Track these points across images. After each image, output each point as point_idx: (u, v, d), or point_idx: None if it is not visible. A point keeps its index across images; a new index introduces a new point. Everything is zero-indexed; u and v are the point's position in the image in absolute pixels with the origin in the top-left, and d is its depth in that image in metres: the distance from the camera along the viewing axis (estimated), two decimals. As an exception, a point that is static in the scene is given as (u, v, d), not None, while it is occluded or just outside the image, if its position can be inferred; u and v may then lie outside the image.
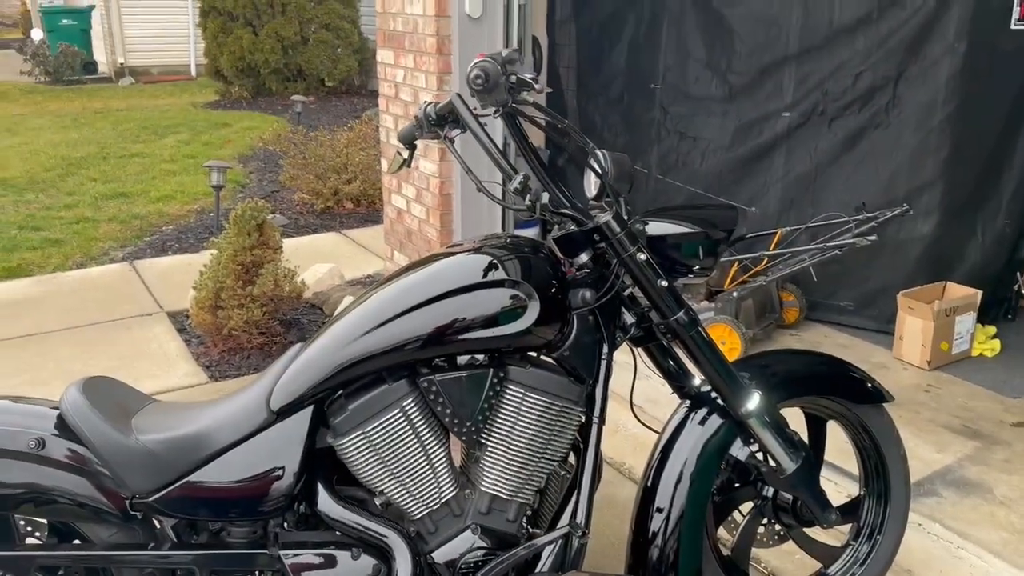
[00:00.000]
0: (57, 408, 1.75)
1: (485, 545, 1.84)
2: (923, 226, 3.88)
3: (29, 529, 1.80)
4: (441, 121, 1.89)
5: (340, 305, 4.18)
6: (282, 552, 1.76)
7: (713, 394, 2.01)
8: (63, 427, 1.70)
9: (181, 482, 1.70)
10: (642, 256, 1.86)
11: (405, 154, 1.98)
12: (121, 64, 13.24)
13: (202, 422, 1.77)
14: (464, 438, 1.82)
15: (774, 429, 2.00)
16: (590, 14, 4.82)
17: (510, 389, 1.81)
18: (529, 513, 1.95)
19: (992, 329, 3.91)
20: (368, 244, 5.41)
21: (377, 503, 1.83)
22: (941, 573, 2.42)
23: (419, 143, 2.01)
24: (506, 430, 1.82)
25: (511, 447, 1.82)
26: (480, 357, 1.82)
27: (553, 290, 1.83)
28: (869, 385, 2.17)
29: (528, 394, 1.82)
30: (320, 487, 1.81)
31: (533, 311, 1.79)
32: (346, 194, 6.14)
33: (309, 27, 11.24)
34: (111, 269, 5.15)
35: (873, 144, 3.91)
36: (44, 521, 1.79)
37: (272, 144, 7.34)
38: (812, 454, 2.10)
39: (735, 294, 3.74)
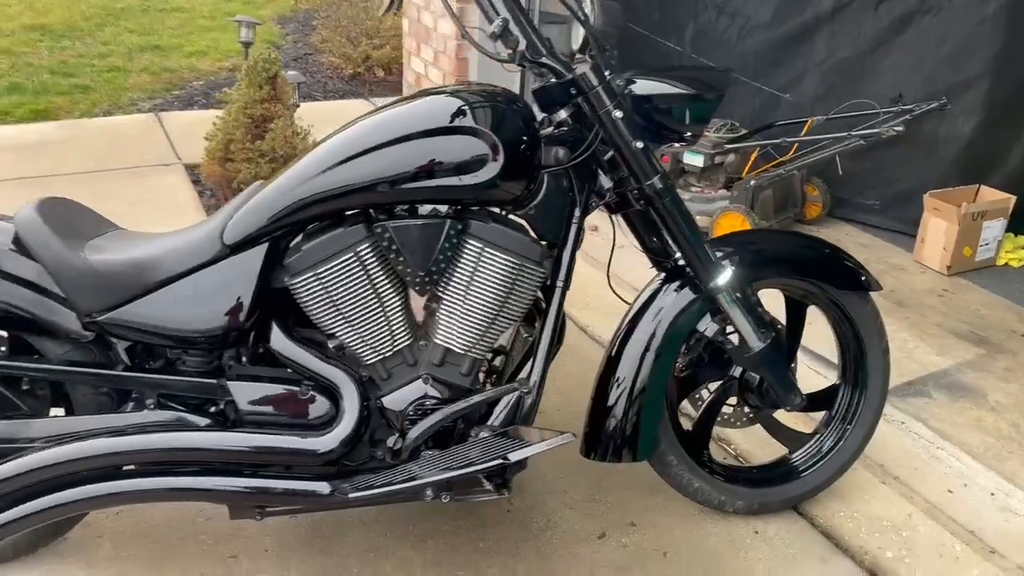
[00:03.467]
0: (8, 225, 1.75)
1: (436, 396, 1.84)
2: (963, 125, 3.65)
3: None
4: None
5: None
6: (231, 383, 1.78)
7: (688, 268, 1.95)
8: (18, 243, 1.71)
9: (128, 305, 1.71)
10: (619, 113, 1.76)
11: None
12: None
13: (155, 250, 1.76)
14: (417, 288, 1.79)
15: (744, 307, 1.94)
16: None
17: (469, 243, 1.77)
18: (485, 370, 1.93)
19: (1021, 238, 3.73)
20: (394, 112, 5.31)
21: (331, 346, 1.82)
22: (915, 470, 2.37)
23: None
24: (462, 284, 1.79)
25: (466, 302, 1.79)
26: (442, 208, 1.77)
27: (523, 145, 1.76)
28: (856, 273, 2.08)
29: (487, 249, 1.77)
30: (274, 325, 1.81)
31: (497, 164, 1.72)
32: (376, 60, 5.99)
33: None
34: (136, 119, 5.14)
35: (920, 32, 3.64)
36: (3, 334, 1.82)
37: (315, 7, 7.17)
38: (782, 336, 2.04)
39: (752, 183, 3.59)
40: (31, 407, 1.81)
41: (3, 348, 1.77)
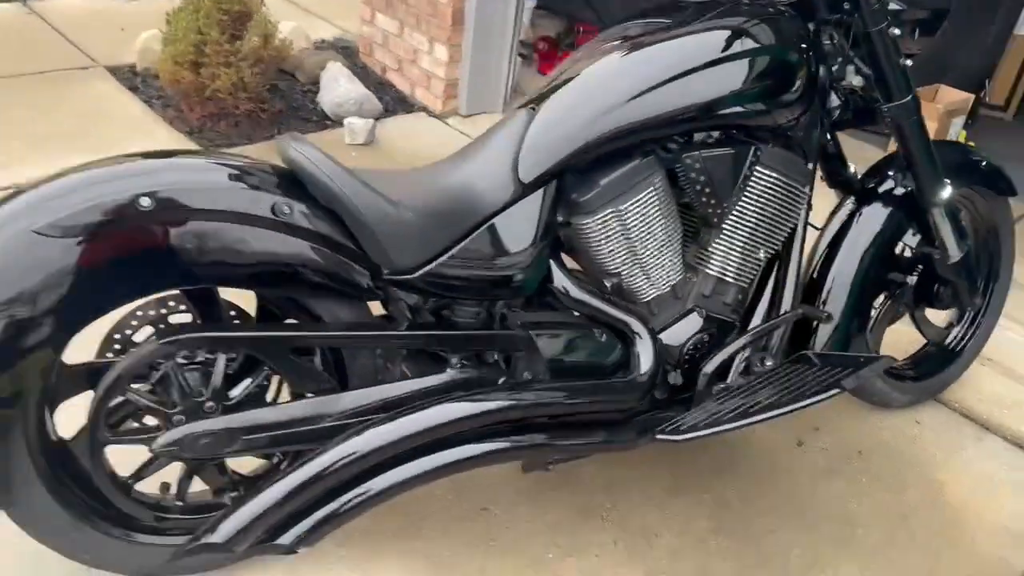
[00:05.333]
0: (273, 170, 1.44)
1: (708, 328, 1.80)
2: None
3: (231, 313, 1.54)
4: None
5: (323, 72, 3.73)
6: (533, 333, 1.63)
7: (882, 186, 2.01)
8: (304, 192, 1.41)
9: (443, 257, 1.49)
10: (896, 31, 1.75)
11: None
12: None
13: (454, 192, 1.53)
14: (711, 219, 1.71)
15: (952, 219, 2.04)
16: None
17: (758, 169, 1.70)
18: (740, 297, 1.91)
19: (964, 133, 4.16)
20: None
21: (608, 285, 1.71)
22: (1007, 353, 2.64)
23: None
24: (745, 211, 1.73)
25: (744, 228, 1.74)
26: (734, 135, 1.69)
27: (813, 64, 1.73)
28: (1004, 178, 2.23)
29: (772, 174, 1.72)
30: (556, 268, 1.66)
31: (799, 84, 1.68)
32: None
33: None
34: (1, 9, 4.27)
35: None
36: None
37: None
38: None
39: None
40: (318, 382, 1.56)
41: (289, 318, 1.50)
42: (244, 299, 1.55)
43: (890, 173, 2.03)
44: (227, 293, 1.48)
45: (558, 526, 1.85)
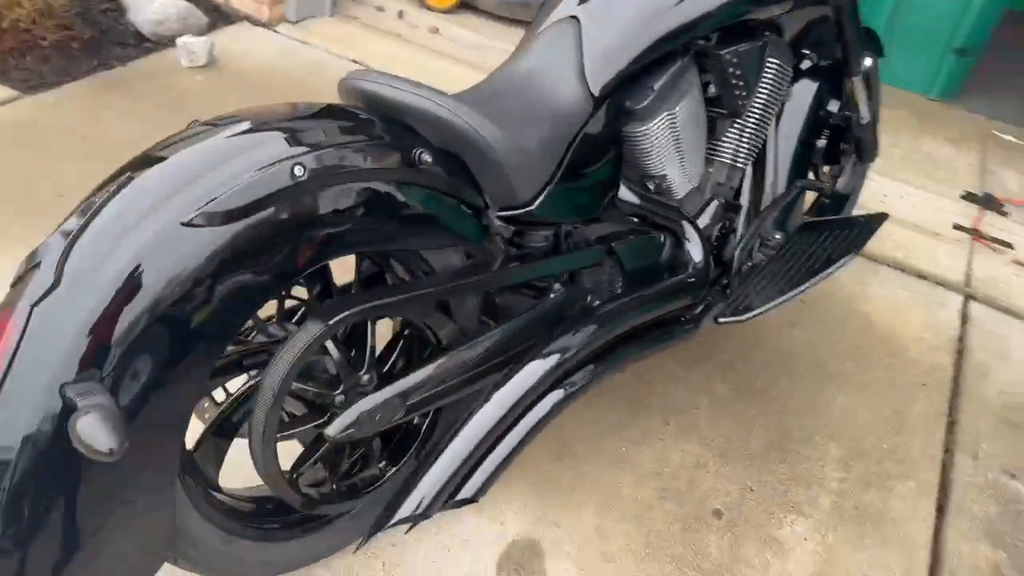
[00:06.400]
0: (375, 115, 1.30)
1: (727, 214, 1.93)
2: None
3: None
4: None
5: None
6: (615, 245, 1.65)
7: (813, 62, 2.23)
8: (416, 134, 1.29)
9: (551, 185, 1.45)
10: None
11: None
12: None
13: (541, 116, 1.47)
14: (736, 109, 1.80)
15: (866, 84, 2.32)
16: None
17: (769, 59, 1.82)
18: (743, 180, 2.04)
19: None
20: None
21: (651, 188, 1.77)
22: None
23: None
24: (757, 97, 1.85)
25: (756, 113, 1.87)
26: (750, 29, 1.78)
27: None
28: (877, 39, 2.54)
29: (776, 60, 1.84)
30: (621, 177, 1.68)
31: None
32: None
33: None
34: None
35: None
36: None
37: None
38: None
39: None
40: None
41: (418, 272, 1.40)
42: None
43: (818, 50, 2.24)
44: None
45: (619, 423, 1.95)
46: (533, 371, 1.43)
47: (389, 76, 1.32)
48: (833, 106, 2.31)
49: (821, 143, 2.39)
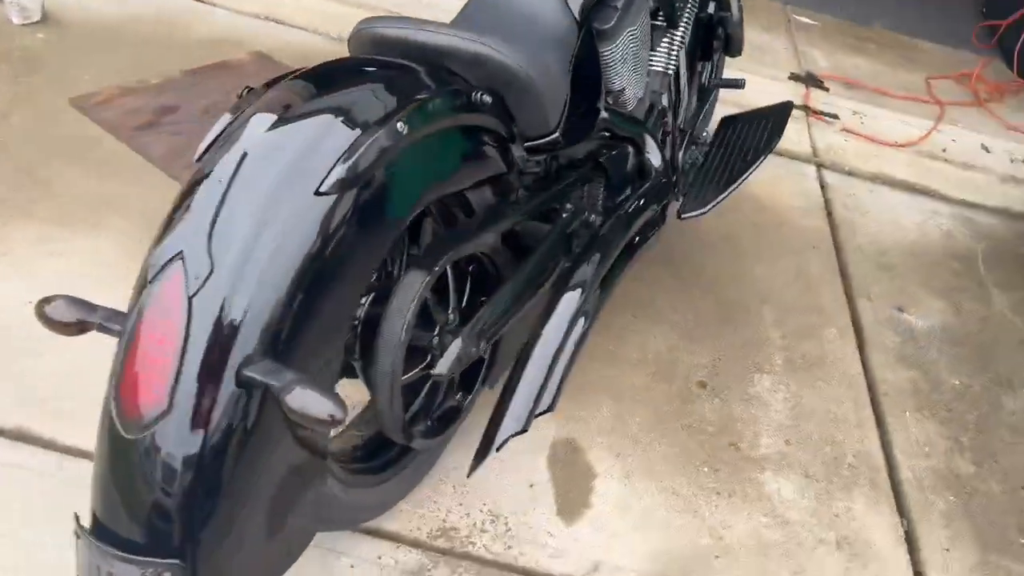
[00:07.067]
0: (415, 62, 1.33)
1: (664, 119, 2.11)
2: None
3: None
4: None
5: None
6: (603, 161, 1.79)
7: None
8: (454, 75, 1.34)
9: (566, 110, 1.54)
10: None
11: None
12: None
13: (543, 46, 1.55)
14: (676, 23, 1.96)
15: None
16: None
17: None
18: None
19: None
20: None
21: (609, 101, 1.90)
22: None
23: None
24: (682, 8, 2.03)
25: (681, 24, 2.04)
26: None
27: None
28: None
29: None
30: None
31: None
32: None
33: None
34: None
35: None
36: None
37: None
38: None
39: None
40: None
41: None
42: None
43: None
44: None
45: (600, 326, 2.09)
46: (576, 288, 1.56)
47: (407, 19, 1.36)
48: (711, 7, 2.54)
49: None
